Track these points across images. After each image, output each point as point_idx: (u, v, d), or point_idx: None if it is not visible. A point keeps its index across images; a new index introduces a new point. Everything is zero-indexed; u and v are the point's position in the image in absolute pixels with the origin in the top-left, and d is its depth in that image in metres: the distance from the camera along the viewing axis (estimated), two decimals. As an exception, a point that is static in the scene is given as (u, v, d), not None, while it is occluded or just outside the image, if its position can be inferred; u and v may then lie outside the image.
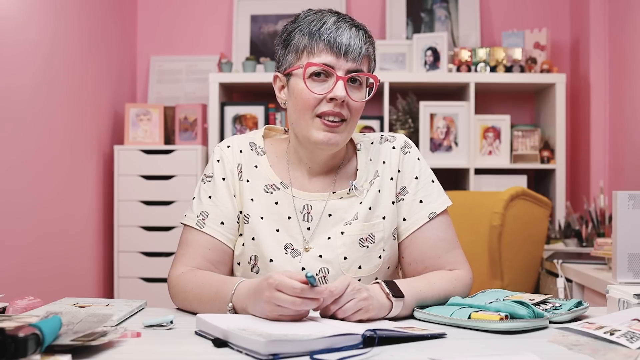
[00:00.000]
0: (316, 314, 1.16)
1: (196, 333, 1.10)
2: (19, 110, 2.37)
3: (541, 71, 3.24)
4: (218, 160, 1.43)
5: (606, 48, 3.15)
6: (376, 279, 1.37)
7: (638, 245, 1.76)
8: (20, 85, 2.39)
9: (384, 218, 1.40)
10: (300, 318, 1.11)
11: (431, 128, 3.26)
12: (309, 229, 1.38)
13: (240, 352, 0.97)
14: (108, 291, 3.21)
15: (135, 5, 3.61)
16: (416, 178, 1.43)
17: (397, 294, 1.21)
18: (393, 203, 1.41)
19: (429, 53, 3.27)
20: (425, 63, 3.28)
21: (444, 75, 3.23)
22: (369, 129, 3.26)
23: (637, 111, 2.84)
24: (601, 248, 2.15)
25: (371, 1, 3.56)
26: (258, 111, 3.30)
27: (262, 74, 3.28)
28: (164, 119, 3.27)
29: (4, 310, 1.23)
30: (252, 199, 1.40)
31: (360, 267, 1.37)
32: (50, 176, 2.61)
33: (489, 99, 3.48)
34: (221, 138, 3.25)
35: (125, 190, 3.17)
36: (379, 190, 1.41)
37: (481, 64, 3.24)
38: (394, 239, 1.42)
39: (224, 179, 1.41)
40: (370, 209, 1.39)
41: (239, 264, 1.40)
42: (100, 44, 3.12)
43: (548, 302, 1.26)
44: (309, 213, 1.39)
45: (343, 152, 1.45)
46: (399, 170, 1.43)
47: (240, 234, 1.40)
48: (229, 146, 1.44)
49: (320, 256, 1.36)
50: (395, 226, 1.41)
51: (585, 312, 1.26)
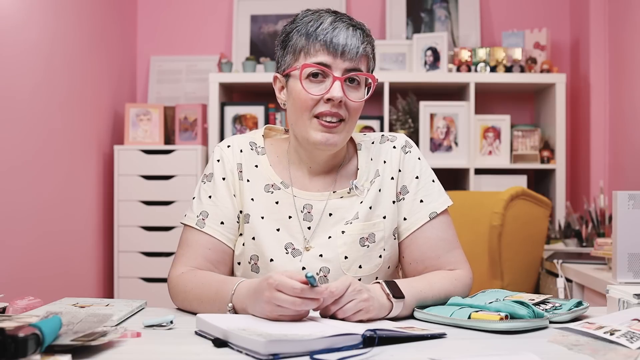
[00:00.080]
0: (316, 314, 1.16)
1: (196, 333, 1.10)
2: (19, 110, 2.37)
3: (541, 71, 3.24)
4: (218, 160, 1.43)
5: (606, 48, 3.15)
6: (376, 278, 1.37)
7: (638, 245, 1.76)
8: (20, 85, 2.39)
9: (384, 217, 1.40)
10: (300, 318, 1.11)
11: (431, 128, 3.26)
12: (309, 228, 1.38)
13: (240, 352, 0.97)
14: (108, 291, 3.21)
15: (135, 5, 3.61)
16: (417, 178, 1.43)
17: (398, 294, 1.21)
18: (394, 202, 1.41)
19: (429, 53, 3.27)
20: (425, 63, 3.28)
21: (444, 75, 3.23)
22: (369, 129, 3.26)
23: (637, 111, 2.84)
24: (601, 248, 2.15)
25: (371, 1, 3.56)
26: (258, 111, 3.30)
27: (262, 74, 3.27)
28: (164, 119, 3.27)
29: (4, 310, 1.23)
30: (253, 199, 1.40)
31: (360, 267, 1.37)
32: (50, 176, 2.61)
33: (489, 99, 3.48)
34: (221, 138, 3.25)
35: (125, 190, 3.17)
36: (380, 190, 1.41)
37: (481, 64, 3.24)
38: (395, 239, 1.42)
39: (224, 179, 1.41)
40: (370, 208, 1.39)
41: (239, 263, 1.40)
42: (100, 44, 3.12)
43: (548, 302, 1.26)
44: (309, 212, 1.39)
45: (344, 152, 1.45)
46: (400, 170, 1.43)
47: (241, 234, 1.40)
48: (229, 146, 1.44)
49: (320, 255, 1.36)
50: (396, 226, 1.42)
51: (585, 312, 1.25)
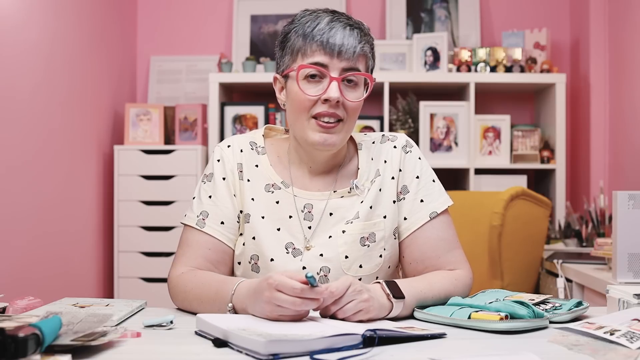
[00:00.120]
0: (316, 313, 1.16)
1: (196, 333, 1.10)
2: (19, 110, 2.37)
3: (541, 71, 3.24)
4: (218, 160, 1.43)
5: (606, 48, 3.15)
6: (377, 278, 1.37)
7: (638, 245, 1.76)
8: (20, 85, 2.39)
9: (384, 217, 1.40)
10: (300, 318, 1.11)
11: (431, 128, 3.26)
12: (310, 228, 1.38)
13: (240, 352, 0.97)
14: (108, 291, 3.21)
15: (135, 5, 3.61)
16: (417, 177, 1.43)
17: (398, 294, 1.21)
18: (394, 202, 1.41)
19: (429, 53, 3.27)
20: (425, 63, 3.28)
21: (444, 75, 3.23)
22: (369, 128, 3.26)
23: (637, 111, 2.84)
24: (601, 248, 2.15)
25: (371, 1, 3.56)
26: (258, 111, 3.30)
27: (262, 74, 3.27)
28: (164, 119, 3.27)
29: (4, 310, 1.23)
30: (253, 199, 1.40)
31: (361, 266, 1.37)
32: (50, 176, 2.61)
33: (489, 99, 3.48)
34: (221, 138, 3.25)
35: (125, 190, 3.17)
36: (380, 190, 1.41)
37: (481, 64, 3.24)
38: (395, 238, 1.42)
39: (224, 179, 1.41)
40: (371, 208, 1.39)
41: (239, 263, 1.40)
42: (100, 44, 3.12)
43: (548, 302, 1.26)
44: (310, 212, 1.39)
45: (344, 152, 1.45)
46: (400, 170, 1.43)
47: (241, 234, 1.40)
48: (229, 146, 1.44)
49: (321, 255, 1.36)
50: (396, 225, 1.42)
51: (585, 312, 1.25)
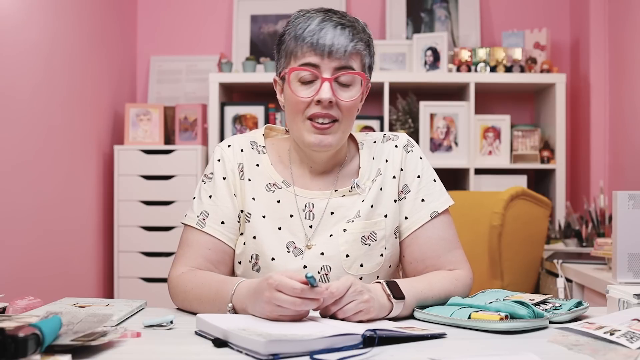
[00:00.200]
0: (316, 313, 1.16)
1: (196, 333, 1.10)
2: (19, 110, 2.37)
3: (541, 71, 3.24)
4: (219, 160, 1.43)
5: (606, 48, 3.15)
6: (378, 277, 1.37)
7: (638, 245, 1.76)
8: (20, 85, 2.39)
9: (385, 216, 1.40)
10: (300, 318, 1.11)
11: (431, 128, 3.26)
12: (311, 227, 1.38)
13: (240, 352, 0.97)
14: (108, 291, 3.21)
15: (135, 5, 3.61)
16: (418, 177, 1.43)
17: (398, 295, 1.21)
18: (395, 201, 1.41)
19: (429, 53, 3.27)
20: (425, 63, 3.28)
21: (444, 75, 3.23)
22: (369, 128, 3.26)
23: (637, 111, 2.84)
24: (601, 248, 2.14)
25: (371, 1, 3.56)
26: (258, 111, 3.30)
27: (262, 74, 3.28)
28: (164, 119, 3.27)
29: (4, 310, 1.23)
30: (254, 198, 1.40)
31: (362, 265, 1.37)
32: (50, 176, 2.61)
33: (489, 99, 3.48)
34: (221, 138, 3.25)
35: (125, 190, 3.17)
36: (381, 189, 1.41)
37: (481, 64, 3.24)
38: (396, 238, 1.42)
39: (224, 179, 1.41)
40: (372, 207, 1.39)
41: (240, 263, 1.40)
42: (100, 44, 3.12)
43: (548, 302, 1.26)
44: (311, 211, 1.39)
45: (344, 151, 1.45)
46: (402, 169, 1.43)
47: (242, 233, 1.40)
48: (229, 145, 1.44)
49: (322, 253, 1.36)
50: (397, 225, 1.42)
51: (585, 312, 1.25)
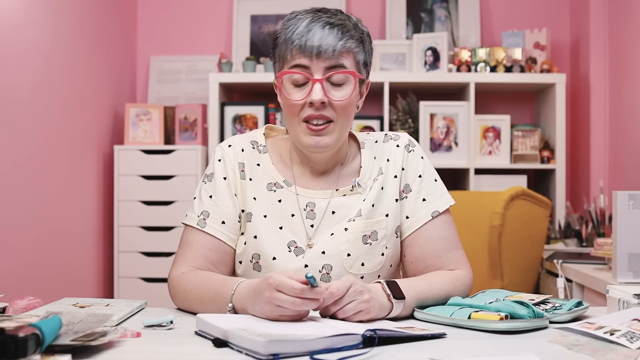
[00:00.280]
0: (316, 313, 1.16)
1: (196, 333, 1.10)
2: (19, 110, 2.37)
3: (541, 71, 3.24)
4: (219, 160, 1.43)
5: (606, 48, 3.15)
6: (379, 276, 1.37)
7: (638, 245, 1.76)
8: (20, 85, 2.39)
9: (387, 215, 1.40)
10: (300, 318, 1.11)
11: (431, 128, 3.26)
12: (312, 226, 1.38)
13: (240, 352, 0.97)
14: (108, 291, 3.21)
15: (135, 5, 3.61)
16: (420, 176, 1.43)
17: (399, 295, 1.21)
18: (396, 201, 1.42)
19: (429, 53, 3.27)
20: (425, 63, 3.28)
21: (444, 75, 3.23)
22: (369, 128, 3.26)
23: (637, 111, 2.84)
24: (601, 248, 2.14)
25: (371, 1, 3.56)
26: (258, 111, 3.30)
27: (262, 74, 3.27)
28: (164, 119, 3.27)
29: (4, 310, 1.23)
30: (255, 198, 1.40)
31: (363, 264, 1.37)
32: (50, 176, 2.61)
33: (489, 99, 3.48)
34: (221, 138, 3.25)
35: (125, 190, 3.17)
36: (382, 188, 1.41)
37: (481, 64, 3.24)
38: (397, 237, 1.42)
39: (225, 179, 1.41)
40: (373, 206, 1.39)
41: (240, 262, 1.40)
42: (100, 44, 3.12)
43: (548, 302, 1.26)
44: (312, 210, 1.39)
45: (345, 151, 1.45)
46: (403, 169, 1.43)
47: (242, 233, 1.40)
48: (230, 145, 1.44)
49: (323, 252, 1.36)
50: (398, 224, 1.42)
51: (585, 312, 1.25)
